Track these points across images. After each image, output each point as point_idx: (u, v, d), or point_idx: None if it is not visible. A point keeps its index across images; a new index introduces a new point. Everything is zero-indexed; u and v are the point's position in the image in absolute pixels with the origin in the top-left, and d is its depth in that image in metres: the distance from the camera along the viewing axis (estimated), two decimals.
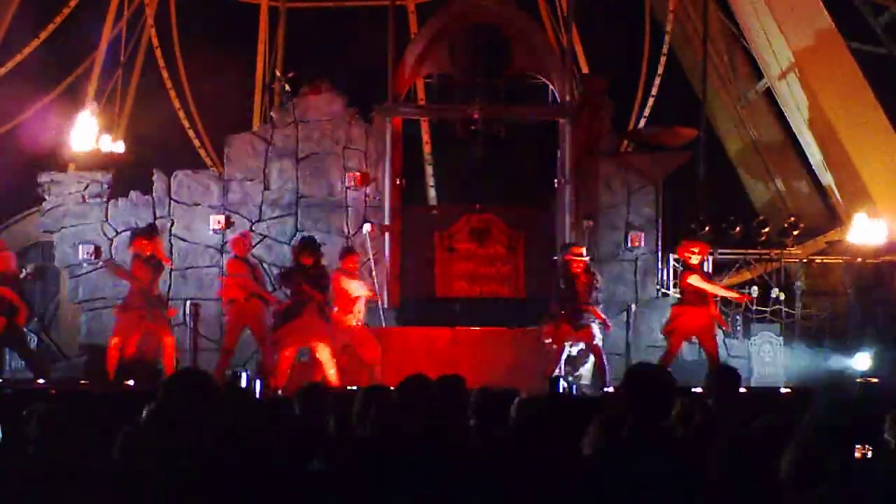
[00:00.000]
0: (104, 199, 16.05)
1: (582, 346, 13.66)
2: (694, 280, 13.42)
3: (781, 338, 14.83)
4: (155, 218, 15.84)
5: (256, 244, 15.85)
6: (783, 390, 13.09)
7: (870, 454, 5.89)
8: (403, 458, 5.09)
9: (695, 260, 13.57)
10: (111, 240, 15.88)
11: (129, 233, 14.61)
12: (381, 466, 5.06)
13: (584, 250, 13.78)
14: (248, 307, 13.67)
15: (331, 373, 12.93)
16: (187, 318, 14.85)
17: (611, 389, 12.14)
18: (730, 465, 4.61)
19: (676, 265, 15.70)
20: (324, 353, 13.01)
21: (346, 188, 16.00)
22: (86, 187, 16.09)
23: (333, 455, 5.35)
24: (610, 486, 4.44)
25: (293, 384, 12.45)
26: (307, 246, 13.41)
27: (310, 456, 5.39)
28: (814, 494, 4.36)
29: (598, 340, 13.41)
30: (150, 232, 14.11)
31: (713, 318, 13.54)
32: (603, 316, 13.55)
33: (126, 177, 16.46)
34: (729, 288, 15.10)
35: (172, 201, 16.01)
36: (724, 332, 15.68)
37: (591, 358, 13.75)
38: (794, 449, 4.95)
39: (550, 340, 13.38)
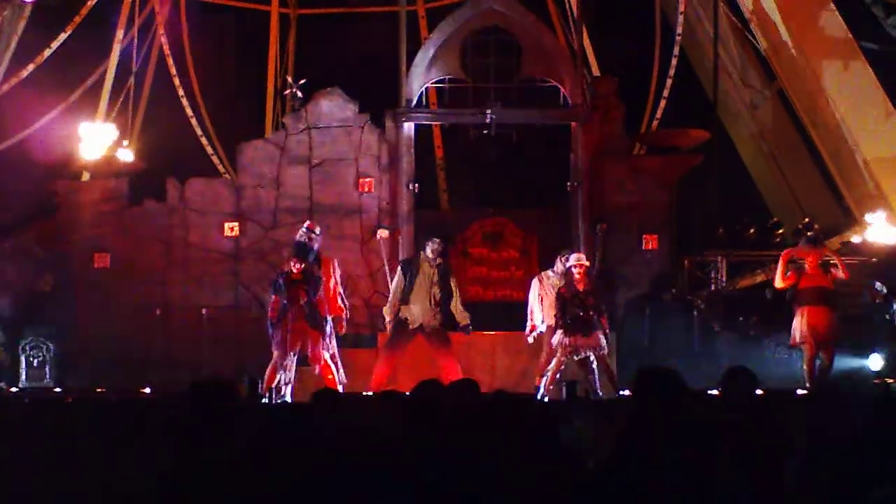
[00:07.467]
0: (119, 208, 16.11)
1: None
2: None
3: None
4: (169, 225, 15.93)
5: (269, 251, 15.88)
6: (799, 392, 13.03)
7: None
8: (417, 463, 5.09)
9: None
10: (126, 248, 15.92)
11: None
12: (394, 471, 5.06)
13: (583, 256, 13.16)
14: None
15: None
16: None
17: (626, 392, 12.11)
18: (741, 468, 4.61)
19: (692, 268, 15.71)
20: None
21: (360, 194, 16.02)
22: (100, 196, 16.14)
23: (349, 460, 5.34)
24: (621, 490, 4.44)
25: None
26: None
27: (329, 461, 5.38)
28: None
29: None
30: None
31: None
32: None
33: (140, 185, 16.51)
34: None
35: (186, 209, 16.05)
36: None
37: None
38: (800, 454, 4.94)
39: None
